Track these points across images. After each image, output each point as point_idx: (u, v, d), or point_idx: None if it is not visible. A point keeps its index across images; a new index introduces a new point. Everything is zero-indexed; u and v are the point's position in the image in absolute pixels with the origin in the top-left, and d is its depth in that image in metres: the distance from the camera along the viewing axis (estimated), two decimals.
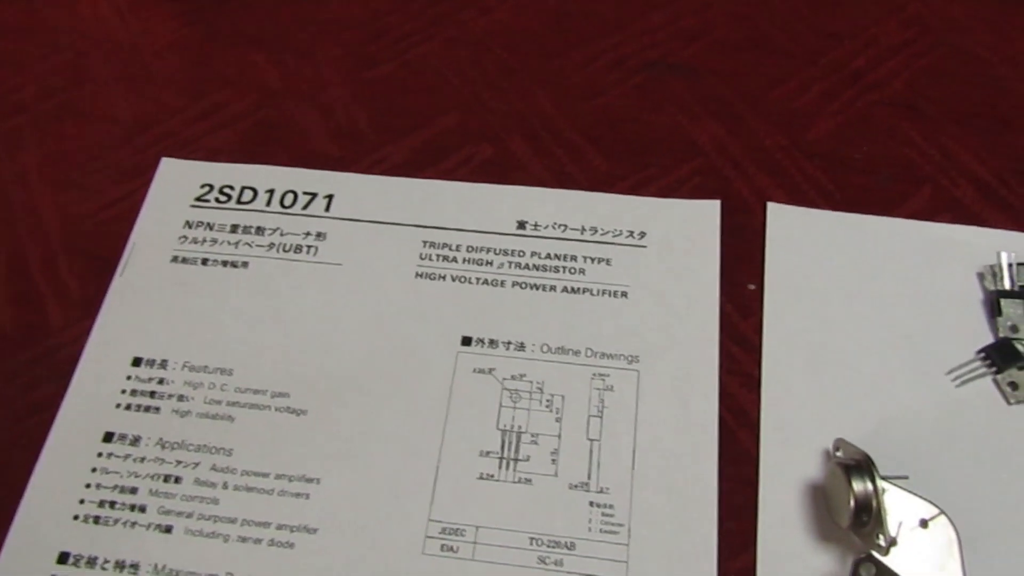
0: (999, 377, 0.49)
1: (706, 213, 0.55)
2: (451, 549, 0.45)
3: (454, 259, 0.54)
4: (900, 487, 0.44)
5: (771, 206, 0.55)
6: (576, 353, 0.51)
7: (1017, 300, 0.50)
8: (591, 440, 0.48)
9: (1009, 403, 0.48)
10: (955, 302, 0.52)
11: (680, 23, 0.64)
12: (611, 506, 0.46)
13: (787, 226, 0.55)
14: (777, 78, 0.61)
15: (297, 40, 0.65)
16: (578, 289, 0.53)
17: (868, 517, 0.42)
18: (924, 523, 0.43)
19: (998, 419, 0.48)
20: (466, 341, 0.51)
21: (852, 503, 0.42)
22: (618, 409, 0.49)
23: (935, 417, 0.48)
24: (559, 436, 0.48)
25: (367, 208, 0.56)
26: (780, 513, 0.45)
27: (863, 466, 0.42)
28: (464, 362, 0.50)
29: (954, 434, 0.47)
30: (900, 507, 0.43)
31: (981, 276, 0.52)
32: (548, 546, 0.45)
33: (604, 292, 0.53)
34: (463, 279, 0.53)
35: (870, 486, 0.42)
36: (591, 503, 0.46)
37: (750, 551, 0.45)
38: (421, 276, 0.54)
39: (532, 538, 0.45)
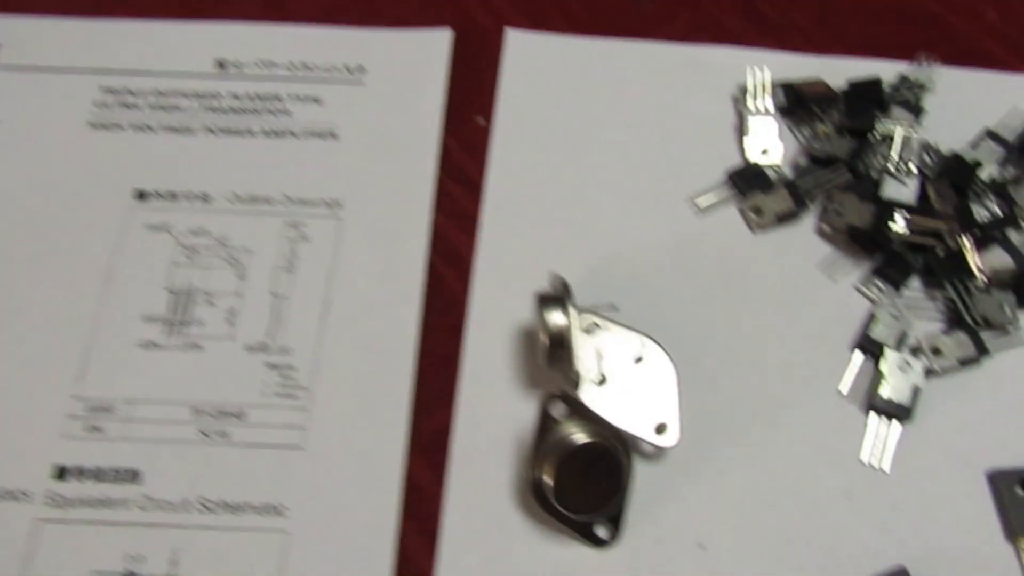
0: (743, 203, 0.43)
1: (434, 44, 0.48)
2: (96, 429, 0.38)
3: (137, 106, 0.46)
4: (618, 322, 0.39)
5: (510, 33, 0.49)
6: (269, 202, 0.43)
7: (768, 119, 0.45)
8: (277, 296, 0.41)
9: (752, 231, 0.43)
10: (707, 127, 0.46)
11: None
12: (292, 367, 0.39)
13: (527, 54, 0.48)
14: None
15: None
16: (280, 132, 0.45)
17: (566, 352, 0.36)
18: (640, 358, 0.38)
19: (739, 248, 0.42)
20: (141, 195, 0.43)
21: (544, 337, 0.36)
22: (312, 261, 0.42)
23: (673, 248, 0.42)
24: (240, 294, 0.41)
25: (36, 54, 0.47)
26: (487, 361, 0.40)
27: (559, 297, 0.37)
28: (136, 219, 0.43)
29: (692, 265, 0.42)
30: (617, 342, 0.38)
31: (736, 100, 0.47)
32: (213, 417, 0.38)
33: (310, 134, 0.45)
34: (146, 128, 0.45)
35: (563, 319, 0.36)
36: (269, 365, 0.39)
37: (448, 406, 0.39)
38: (95, 127, 0.45)
39: (195, 409, 0.38)
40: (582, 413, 0.35)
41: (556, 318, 0.36)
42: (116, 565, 0.35)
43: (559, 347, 0.36)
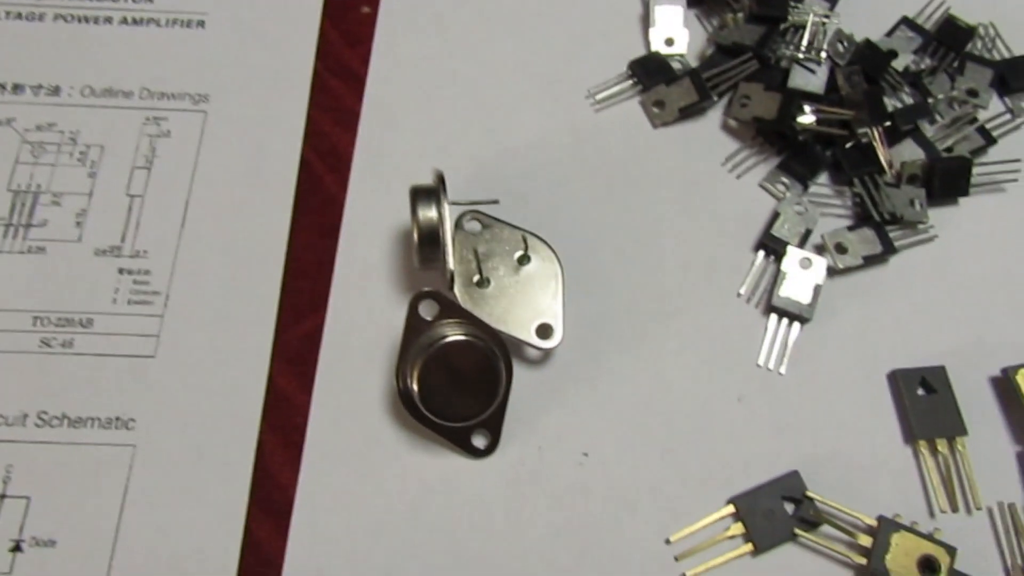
0: (645, 96, 0.40)
1: None
2: None
3: None
4: (503, 221, 0.36)
5: None
6: (128, 95, 0.39)
7: (675, 7, 0.42)
8: (132, 196, 0.37)
9: (654, 125, 0.40)
10: (610, 17, 0.42)
11: None
12: (147, 272, 0.36)
13: None
14: None
15: None
16: (141, 20, 0.41)
17: (440, 250, 0.33)
18: (525, 257, 0.35)
19: (639, 143, 0.40)
20: None
21: (416, 233, 0.33)
22: (173, 158, 0.38)
23: (569, 144, 0.39)
24: (90, 194, 0.37)
25: None
26: (362, 264, 0.36)
27: (432, 190, 0.34)
28: None
29: (588, 162, 0.39)
30: (500, 241, 0.35)
31: None
32: (56, 325, 0.35)
33: (175, 22, 0.41)
34: None
35: (435, 213, 0.33)
36: (121, 270, 0.36)
37: (320, 311, 0.36)
38: None
39: (36, 317, 0.35)
40: (456, 314, 0.32)
41: (427, 212, 0.33)
42: None
43: (431, 244, 0.33)
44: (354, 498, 0.33)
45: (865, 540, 0.32)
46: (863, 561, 0.32)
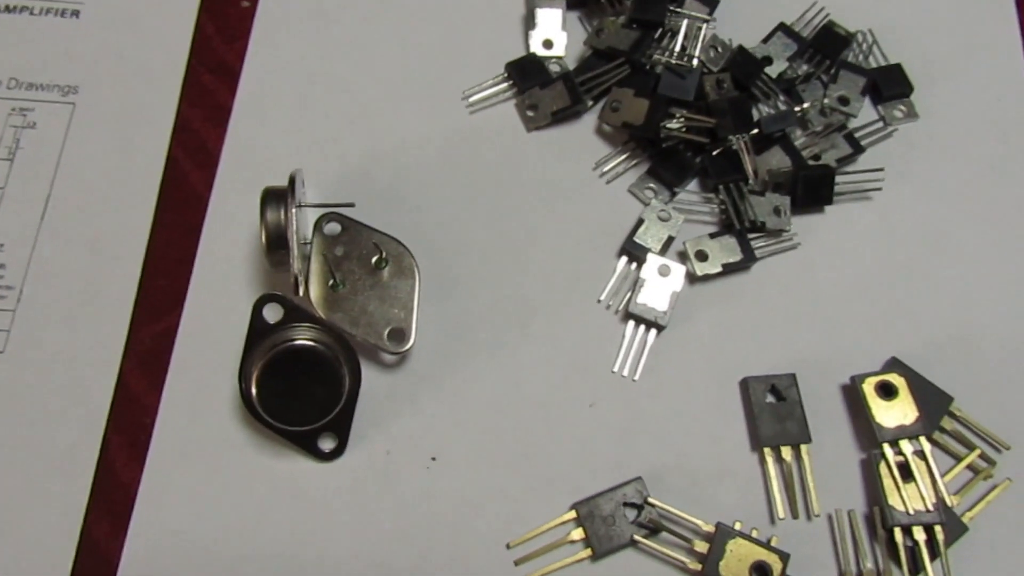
0: (519, 99, 0.40)
1: None
2: None
3: None
4: (362, 224, 0.36)
5: None
6: None
7: (555, 9, 0.42)
8: None
9: (528, 129, 0.40)
10: (492, 18, 0.42)
11: None
12: (1, 265, 0.36)
13: None
14: None
15: None
16: (15, 7, 0.41)
17: (288, 252, 0.33)
18: (382, 260, 0.35)
19: (512, 147, 0.39)
20: None
21: (263, 234, 0.33)
22: (38, 150, 0.38)
23: (440, 146, 0.39)
24: None
25: None
26: (222, 265, 0.36)
27: (281, 191, 0.33)
28: None
29: (458, 164, 0.39)
30: (357, 244, 0.35)
31: None
32: None
33: (48, 11, 0.41)
34: None
35: (281, 215, 0.33)
36: None
37: (176, 310, 0.36)
38: None
39: None
40: (300, 317, 0.32)
41: (274, 214, 0.33)
42: None
43: (279, 247, 0.33)
44: (197, 499, 0.33)
45: (702, 546, 0.33)
46: (698, 567, 0.32)
